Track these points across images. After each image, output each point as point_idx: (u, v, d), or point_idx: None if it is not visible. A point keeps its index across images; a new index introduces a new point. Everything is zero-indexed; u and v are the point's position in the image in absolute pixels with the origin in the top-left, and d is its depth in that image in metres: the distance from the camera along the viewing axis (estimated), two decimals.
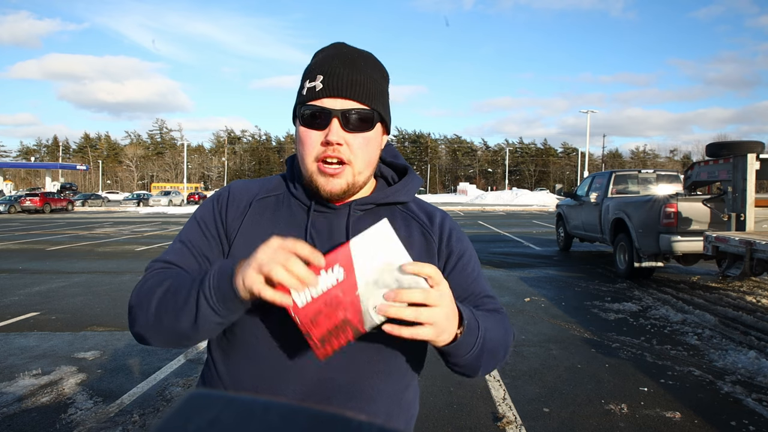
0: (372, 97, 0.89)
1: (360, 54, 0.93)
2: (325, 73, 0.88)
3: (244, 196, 0.98)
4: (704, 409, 3.16)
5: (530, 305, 5.96)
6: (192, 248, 0.94)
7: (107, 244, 12.99)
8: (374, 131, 0.91)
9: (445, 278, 0.91)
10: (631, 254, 7.39)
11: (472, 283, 0.99)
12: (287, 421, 0.31)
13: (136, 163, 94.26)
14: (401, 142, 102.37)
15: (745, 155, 6.14)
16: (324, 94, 0.87)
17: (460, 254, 0.99)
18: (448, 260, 0.98)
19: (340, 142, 0.87)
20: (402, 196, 0.99)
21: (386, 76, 0.96)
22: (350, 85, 0.87)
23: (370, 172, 0.94)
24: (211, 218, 0.96)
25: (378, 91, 0.91)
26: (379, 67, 0.95)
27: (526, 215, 27.28)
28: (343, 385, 0.88)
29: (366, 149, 0.90)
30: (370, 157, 0.91)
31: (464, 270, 0.99)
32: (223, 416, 0.31)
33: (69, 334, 4.79)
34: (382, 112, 0.91)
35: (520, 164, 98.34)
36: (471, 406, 3.23)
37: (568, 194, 11.08)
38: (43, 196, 30.78)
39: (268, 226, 0.93)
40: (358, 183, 0.91)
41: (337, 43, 0.94)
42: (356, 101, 0.87)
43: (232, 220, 0.95)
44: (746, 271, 5.41)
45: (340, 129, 0.87)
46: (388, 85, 0.97)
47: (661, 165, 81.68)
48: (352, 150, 0.88)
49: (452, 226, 1.02)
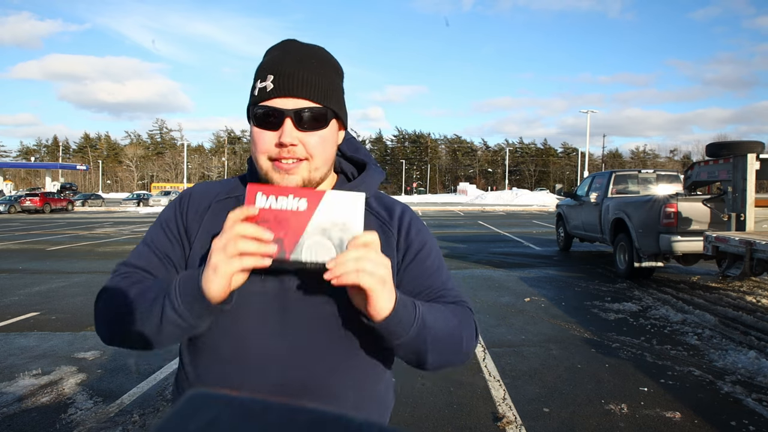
0: (324, 94, 0.89)
1: (311, 51, 0.92)
2: (275, 72, 0.87)
3: (204, 199, 0.98)
4: (704, 409, 3.16)
5: (530, 305, 5.96)
6: (156, 250, 0.96)
7: (107, 244, 12.99)
8: (329, 129, 0.91)
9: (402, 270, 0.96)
10: (631, 254, 7.39)
11: (430, 277, 0.98)
12: (287, 421, 0.31)
13: (136, 163, 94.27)
14: (401, 142, 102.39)
15: (745, 155, 6.14)
16: (275, 93, 0.86)
17: (419, 247, 0.99)
18: (407, 253, 0.98)
19: (294, 142, 0.87)
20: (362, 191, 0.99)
21: (339, 71, 0.96)
22: (301, 84, 0.87)
23: (328, 169, 0.94)
24: (173, 220, 0.97)
25: (330, 87, 0.90)
26: (332, 62, 0.94)
27: (526, 215, 27.27)
28: (309, 383, 0.88)
29: (322, 147, 0.90)
30: (326, 155, 0.91)
31: (423, 263, 0.98)
32: (223, 416, 0.31)
33: (69, 334, 4.79)
34: (336, 109, 0.91)
35: (520, 164, 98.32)
36: (471, 406, 3.22)
37: (568, 194, 11.08)
38: (43, 196, 30.78)
39: None
40: (315, 179, 0.91)
41: (287, 41, 0.93)
42: (308, 100, 0.87)
43: (191, 221, 0.96)
44: (746, 271, 5.41)
45: (293, 129, 0.87)
46: (342, 80, 0.96)
47: (661, 165, 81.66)
48: (307, 149, 0.88)
49: (412, 220, 1.02)
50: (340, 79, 0.95)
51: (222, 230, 0.77)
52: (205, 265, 0.78)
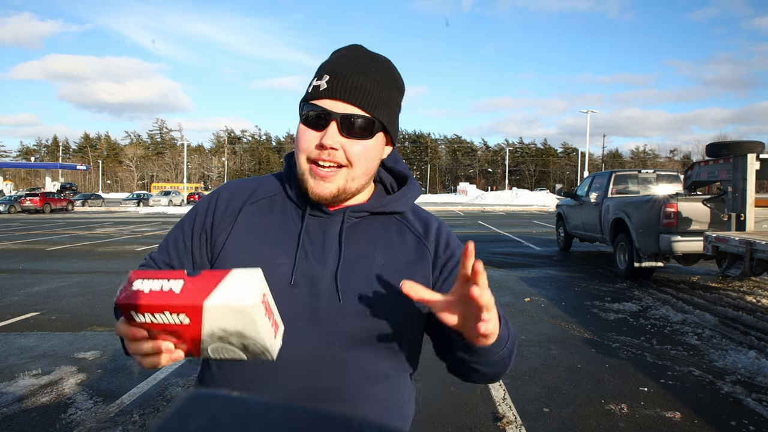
0: (376, 105, 0.86)
1: (374, 59, 0.90)
2: (332, 73, 0.86)
3: (235, 199, 0.97)
4: (704, 409, 3.16)
5: (530, 305, 5.96)
6: (174, 249, 0.97)
7: (107, 244, 12.99)
8: (374, 140, 0.89)
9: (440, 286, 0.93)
10: (631, 254, 7.39)
11: None
12: (287, 421, 0.31)
13: (136, 163, 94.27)
14: (401, 142, 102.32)
15: (745, 155, 6.14)
16: (327, 94, 0.85)
17: (456, 263, 0.97)
18: (444, 269, 0.96)
19: (335, 146, 0.85)
20: (398, 206, 0.97)
21: (399, 85, 0.93)
22: (355, 89, 0.85)
23: (366, 181, 0.92)
24: (201, 217, 0.97)
25: (384, 99, 0.88)
26: (393, 75, 0.91)
27: (526, 215, 27.27)
28: (331, 390, 0.87)
29: (363, 157, 0.88)
30: (367, 166, 0.89)
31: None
32: (223, 416, 0.31)
33: (69, 334, 4.79)
34: (385, 122, 0.89)
35: (520, 164, 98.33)
36: (471, 406, 3.23)
37: (568, 194, 11.08)
38: (43, 196, 30.77)
39: (260, 231, 0.92)
40: (351, 189, 0.90)
41: (355, 45, 0.92)
42: (358, 107, 0.85)
43: (219, 222, 0.94)
44: (746, 271, 5.41)
45: (337, 133, 0.85)
46: (401, 96, 0.94)
47: (661, 165, 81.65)
48: (348, 156, 0.86)
49: (449, 236, 1.01)
50: (399, 94, 0.93)
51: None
52: None
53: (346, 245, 0.90)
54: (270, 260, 0.88)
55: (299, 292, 0.87)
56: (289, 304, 0.86)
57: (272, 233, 0.91)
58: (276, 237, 0.91)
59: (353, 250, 0.90)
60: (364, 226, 0.93)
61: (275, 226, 0.92)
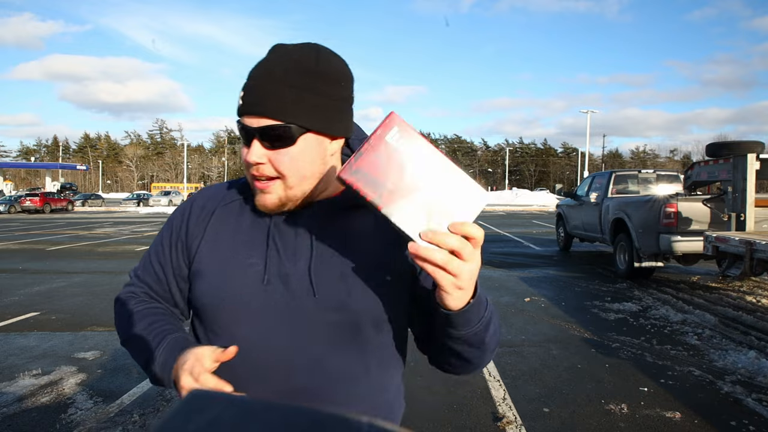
0: (288, 109, 0.82)
1: (282, 59, 0.84)
2: (245, 87, 0.85)
3: (209, 203, 0.97)
4: (704, 409, 3.16)
5: (530, 305, 5.96)
6: (157, 262, 0.99)
7: (107, 244, 12.99)
8: (300, 145, 0.84)
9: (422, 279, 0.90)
10: (631, 254, 7.39)
11: None
12: (287, 421, 0.31)
13: (136, 163, 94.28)
14: None
15: (745, 155, 6.14)
16: (243, 110, 0.84)
17: None
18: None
19: (260, 161, 0.84)
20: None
21: (328, 72, 0.85)
22: (262, 100, 0.82)
23: (313, 183, 0.89)
24: (176, 225, 0.98)
25: (300, 99, 0.83)
26: (313, 67, 0.84)
27: (526, 215, 27.27)
28: (315, 390, 0.86)
29: (291, 166, 0.85)
30: (303, 171, 0.86)
31: None
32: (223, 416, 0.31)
33: (69, 334, 4.79)
34: (305, 123, 0.83)
35: (520, 164, 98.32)
36: (471, 406, 3.22)
37: (568, 194, 11.08)
38: (43, 196, 30.78)
39: (232, 232, 0.93)
40: (296, 195, 0.88)
41: (273, 47, 0.87)
42: (270, 118, 0.82)
43: (194, 227, 0.95)
44: (746, 271, 5.41)
45: (260, 148, 0.83)
46: (333, 82, 0.86)
47: (661, 165, 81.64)
48: (276, 167, 0.84)
49: None
50: (327, 83, 0.85)
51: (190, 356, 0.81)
52: (178, 368, 0.82)
53: (319, 239, 0.89)
54: (242, 260, 0.89)
55: (273, 290, 0.87)
56: (264, 303, 0.86)
57: (244, 234, 0.92)
58: (248, 237, 0.91)
59: (327, 243, 0.89)
60: (338, 219, 0.92)
61: (247, 227, 0.92)
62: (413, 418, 3.05)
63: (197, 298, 0.93)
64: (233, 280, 0.88)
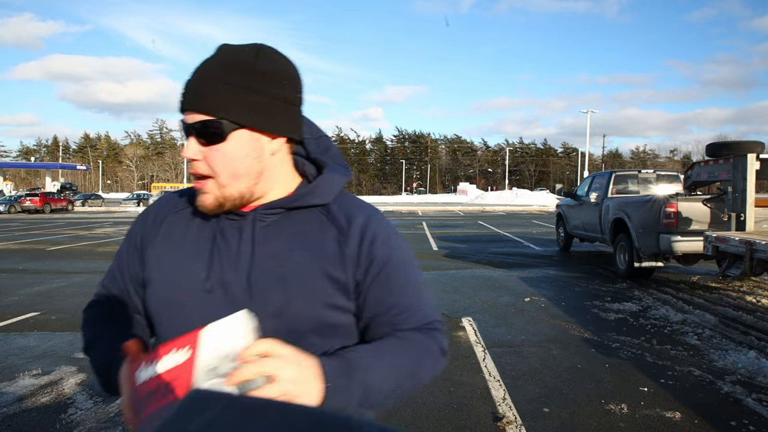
0: (219, 106, 0.81)
1: (222, 57, 0.84)
2: (184, 84, 0.85)
3: (162, 210, 0.97)
4: (704, 409, 3.16)
5: (530, 305, 5.96)
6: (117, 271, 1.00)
7: (107, 244, 12.99)
8: (232, 142, 0.83)
9: (365, 289, 0.89)
10: (631, 254, 7.39)
11: (392, 296, 0.90)
12: (287, 421, 0.31)
13: (136, 163, 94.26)
14: (401, 142, 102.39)
15: (745, 155, 6.14)
16: (181, 107, 0.85)
17: (383, 263, 0.90)
18: (369, 269, 0.89)
19: (194, 157, 0.84)
20: (313, 198, 0.91)
21: (269, 72, 0.84)
22: (193, 96, 0.82)
23: (250, 182, 0.87)
24: (134, 236, 0.98)
25: (232, 96, 0.81)
26: (253, 64, 0.83)
27: (526, 215, 27.26)
28: None
29: (225, 162, 0.84)
30: (235, 169, 0.84)
31: (387, 281, 0.90)
32: (223, 416, 0.31)
33: (69, 334, 4.79)
34: (238, 119, 0.82)
35: (520, 164, 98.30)
36: (471, 406, 3.22)
37: (568, 194, 11.08)
38: (43, 196, 30.78)
39: (179, 239, 0.92)
40: (233, 195, 0.86)
41: (218, 47, 0.86)
42: (202, 113, 0.82)
43: (147, 234, 0.96)
44: (746, 271, 5.41)
45: (195, 144, 0.83)
46: (275, 82, 0.85)
47: (661, 165, 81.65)
48: (209, 164, 0.84)
49: (377, 231, 0.92)
50: (267, 82, 0.84)
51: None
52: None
53: (261, 245, 0.87)
54: (187, 267, 0.88)
55: (215, 298, 0.86)
56: (206, 311, 0.84)
57: (191, 241, 0.91)
58: (194, 244, 0.90)
59: (269, 249, 0.87)
60: (282, 224, 0.90)
61: (194, 234, 0.92)
62: (413, 418, 3.05)
63: (146, 305, 0.93)
64: (177, 287, 0.88)
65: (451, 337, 4.66)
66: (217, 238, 0.89)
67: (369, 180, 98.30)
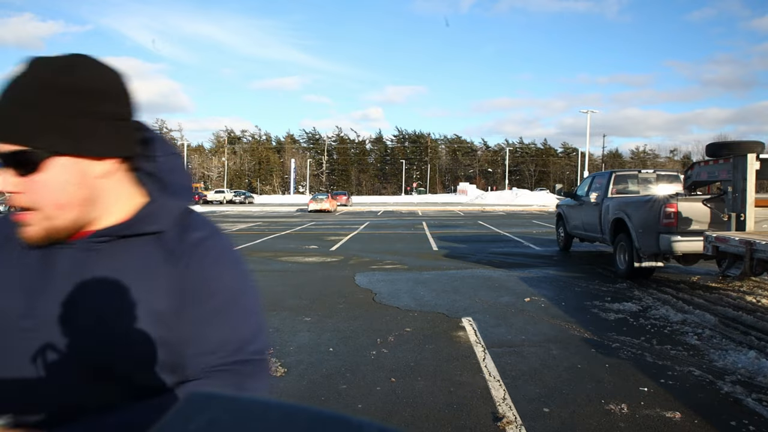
0: (27, 133, 0.73)
1: (28, 76, 0.75)
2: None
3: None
4: (704, 409, 3.16)
5: (530, 305, 5.96)
6: None
7: None
8: (51, 171, 0.75)
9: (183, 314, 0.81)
10: (631, 254, 7.39)
11: (208, 325, 0.82)
12: (287, 421, 0.31)
13: None
14: (401, 142, 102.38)
15: (745, 155, 6.14)
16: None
17: (204, 284, 0.83)
18: (192, 292, 0.82)
19: (12, 190, 0.76)
20: (148, 225, 0.83)
21: (70, 91, 0.75)
22: (4, 123, 0.73)
23: (76, 211, 0.79)
24: None
25: (41, 121, 0.73)
26: (55, 83, 0.74)
27: (526, 215, 27.26)
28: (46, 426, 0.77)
29: (45, 193, 0.76)
30: (56, 200, 0.77)
31: (202, 305, 0.82)
32: (223, 416, 0.31)
33: None
34: (50, 147, 0.74)
35: (520, 164, 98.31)
36: (471, 406, 3.22)
37: (568, 194, 11.08)
38: None
39: (3, 268, 0.84)
40: (62, 226, 0.79)
41: (24, 62, 0.77)
42: (9, 143, 0.73)
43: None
44: (746, 271, 5.41)
45: (10, 176, 0.75)
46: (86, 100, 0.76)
47: (661, 165, 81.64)
48: (31, 196, 0.76)
49: (208, 250, 0.85)
50: (81, 101, 0.76)
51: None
52: None
53: (87, 276, 0.80)
54: (3, 303, 0.81)
55: (29, 335, 0.79)
56: (18, 350, 0.78)
57: (9, 275, 0.83)
58: (11, 278, 0.82)
59: (94, 281, 0.80)
60: (111, 252, 0.82)
61: (16, 261, 0.83)
62: (413, 418, 3.05)
63: None
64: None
65: (451, 337, 4.66)
66: (36, 271, 0.81)
67: (369, 180, 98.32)
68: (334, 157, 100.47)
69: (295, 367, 3.90)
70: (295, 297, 6.42)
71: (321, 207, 31.67)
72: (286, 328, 4.96)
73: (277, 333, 4.79)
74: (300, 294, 6.61)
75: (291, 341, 4.55)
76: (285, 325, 5.10)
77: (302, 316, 5.41)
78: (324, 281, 7.57)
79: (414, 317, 5.40)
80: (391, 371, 3.80)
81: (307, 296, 6.47)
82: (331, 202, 33.55)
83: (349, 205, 43.07)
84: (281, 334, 4.75)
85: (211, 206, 42.48)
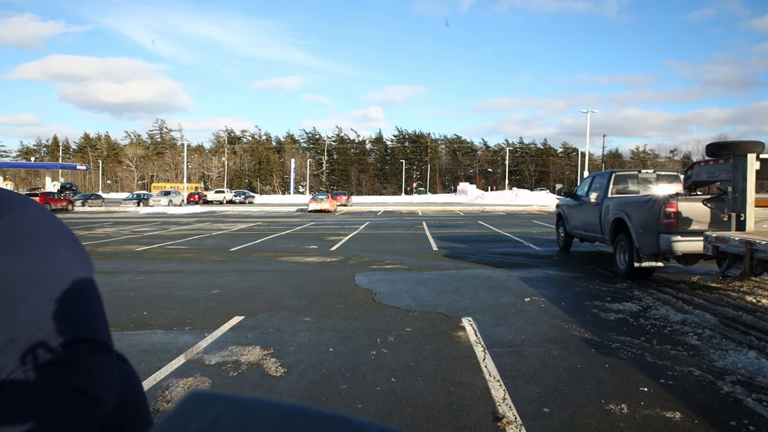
0: None
1: None
2: None
3: None
4: (704, 409, 3.16)
5: (530, 305, 5.96)
6: None
7: (107, 244, 12.98)
8: None
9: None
10: (631, 254, 7.39)
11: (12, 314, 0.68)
12: (287, 421, 0.31)
13: (136, 163, 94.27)
14: (401, 141, 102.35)
15: (745, 155, 6.14)
16: None
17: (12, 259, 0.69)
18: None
19: None
20: None
21: None
22: None
23: None
24: None
25: None
26: None
27: (526, 215, 27.26)
28: None
29: None
30: None
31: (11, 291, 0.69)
32: (223, 416, 0.31)
33: None
34: None
35: (520, 164, 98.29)
36: (471, 406, 3.22)
37: (568, 194, 11.09)
38: (43, 196, 30.76)
39: None
40: None
41: None
42: None
43: None
44: (746, 271, 5.41)
45: None
46: None
47: (661, 165, 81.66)
48: None
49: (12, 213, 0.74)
50: None
51: None
52: None
53: None
54: None
55: None
56: None
57: None
58: None
59: None
60: None
61: None
62: (413, 418, 3.05)
63: None
64: None
65: (451, 337, 4.66)
66: None
67: (369, 180, 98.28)
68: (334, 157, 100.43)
69: (295, 367, 3.90)
70: (295, 297, 6.42)
71: (321, 207, 31.68)
72: (286, 328, 4.96)
73: (277, 333, 4.79)
74: (300, 294, 6.61)
75: (291, 341, 4.55)
76: (285, 325, 5.10)
77: (302, 316, 5.41)
78: (324, 281, 7.57)
79: (414, 317, 5.40)
80: (391, 371, 3.80)
81: (307, 296, 6.47)
82: (331, 202, 33.55)
83: (349, 205, 43.07)
84: (281, 334, 4.75)
85: (211, 206, 42.47)
